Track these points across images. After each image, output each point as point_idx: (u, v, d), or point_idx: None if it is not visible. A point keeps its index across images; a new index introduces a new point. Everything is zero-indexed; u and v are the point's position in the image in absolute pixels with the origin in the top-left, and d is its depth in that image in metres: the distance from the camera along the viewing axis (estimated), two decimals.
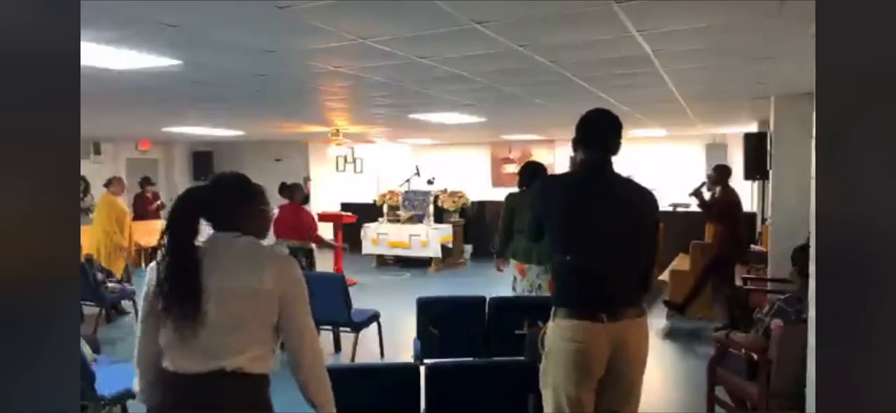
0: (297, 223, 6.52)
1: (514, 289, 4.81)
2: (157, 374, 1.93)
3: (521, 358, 3.21)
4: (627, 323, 2.40)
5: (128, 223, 7.46)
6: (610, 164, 2.51)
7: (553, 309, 2.48)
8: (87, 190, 8.12)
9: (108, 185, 7.47)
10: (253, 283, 1.87)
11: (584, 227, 2.46)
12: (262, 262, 1.91)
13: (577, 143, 2.57)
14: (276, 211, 6.79)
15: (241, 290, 1.86)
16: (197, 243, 1.91)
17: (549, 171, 4.77)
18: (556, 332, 2.43)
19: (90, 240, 7.19)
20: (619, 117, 2.56)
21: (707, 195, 6.53)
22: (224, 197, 1.99)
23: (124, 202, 7.71)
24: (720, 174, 6.58)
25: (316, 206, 11.75)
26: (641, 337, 2.47)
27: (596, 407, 2.45)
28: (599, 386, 2.43)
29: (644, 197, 2.57)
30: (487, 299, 4.20)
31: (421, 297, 4.36)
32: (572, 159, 2.69)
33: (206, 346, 1.84)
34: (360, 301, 6.09)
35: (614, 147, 2.51)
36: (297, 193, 6.70)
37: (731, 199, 6.48)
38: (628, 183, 2.59)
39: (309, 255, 6.51)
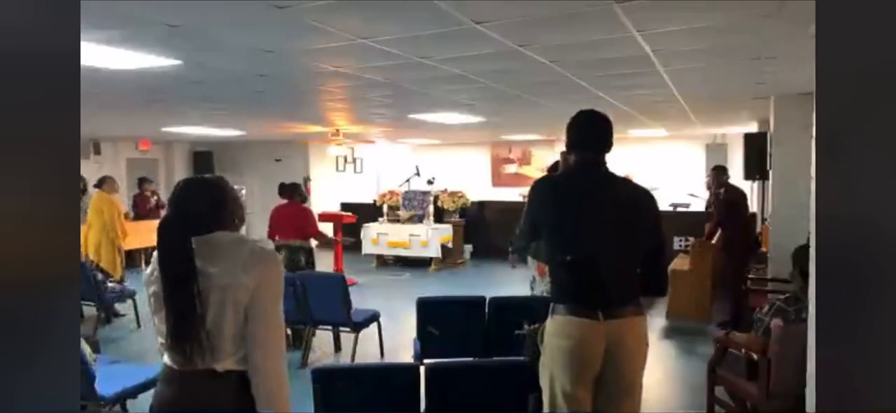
0: (299, 222, 6.53)
1: (532, 289, 4.79)
2: None
3: (521, 358, 3.21)
4: (623, 321, 2.41)
5: (123, 223, 7.48)
6: (602, 163, 2.53)
7: (552, 306, 2.51)
8: (85, 189, 8.10)
9: (101, 184, 7.42)
10: (245, 280, 1.85)
11: (576, 226, 2.48)
12: (249, 260, 1.87)
13: (569, 146, 2.60)
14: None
15: (233, 290, 1.84)
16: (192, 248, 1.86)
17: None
18: (552, 329, 2.48)
19: (87, 240, 7.17)
20: (607, 116, 2.57)
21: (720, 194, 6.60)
22: (206, 207, 1.95)
23: (120, 201, 7.71)
24: (718, 176, 6.63)
25: (316, 207, 11.78)
26: (637, 335, 2.46)
27: (595, 405, 2.46)
28: (597, 385, 2.44)
29: (639, 195, 2.58)
30: (487, 299, 4.20)
31: (421, 297, 4.36)
32: (559, 161, 2.73)
33: (204, 346, 1.83)
34: (360, 301, 6.10)
35: (605, 145, 2.53)
36: (297, 193, 6.73)
37: (735, 197, 6.50)
38: (623, 182, 2.61)
39: (309, 254, 6.52)
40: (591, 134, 2.54)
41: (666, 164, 12.49)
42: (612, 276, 2.42)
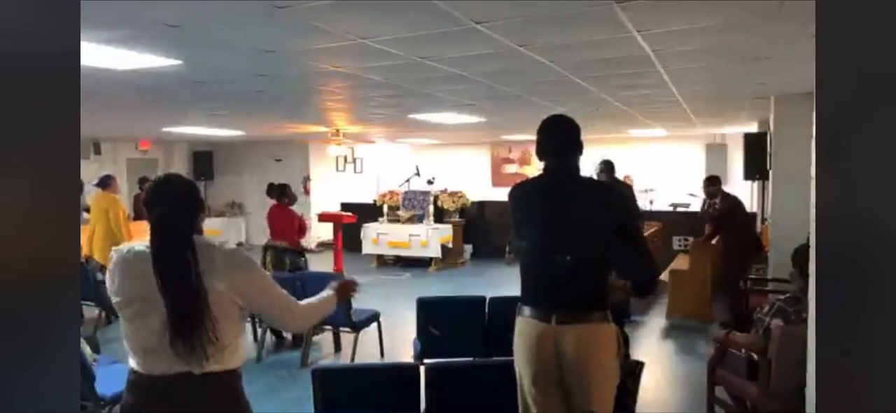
0: (283, 225, 6.51)
1: None
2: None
3: None
4: (578, 327, 2.38)
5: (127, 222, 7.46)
6: (571, 166, 2.53)
7: (517, 306, 2.56)
8: (80, 190, 8.07)
9: (104, 184, 7.37)
10: (219, 285, 1.88)
11: (535, 230, 2.51)
12: (221, 266, 1.90)
13: (537, 153, 2.62)
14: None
15: (211, 294, 1.86)
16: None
17: None
18: (516, 329, 2.54)
19: (89, 240, 7.13)
20: (572, 120, 2.57)
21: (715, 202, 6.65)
22: (191, 207, 1.98)
23: (121, 201, 7.69)
24: (712, 185, 6.70)
25: (316, 207, 11.78)
26: (593, 342, 2.39)
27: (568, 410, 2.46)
28: (565, 391, 2.43)
29: (603, 197, 2.59)
30: (487, 299, 4.20)
31: (421, 297, 4.36)
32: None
33: (195, 347, 1.83)
34: (360, 301, 6.07)
35: (570, 149, 2.53)
36: (284, 195, 6.68)
37: (731, 205, 6.56)
38: (589, 184, 2.61)
39: (298, 255, 6.49)
40: (553, 139, 2.55)
41: (666, 164, 12.50)
42: (568, 281, 2.40)
